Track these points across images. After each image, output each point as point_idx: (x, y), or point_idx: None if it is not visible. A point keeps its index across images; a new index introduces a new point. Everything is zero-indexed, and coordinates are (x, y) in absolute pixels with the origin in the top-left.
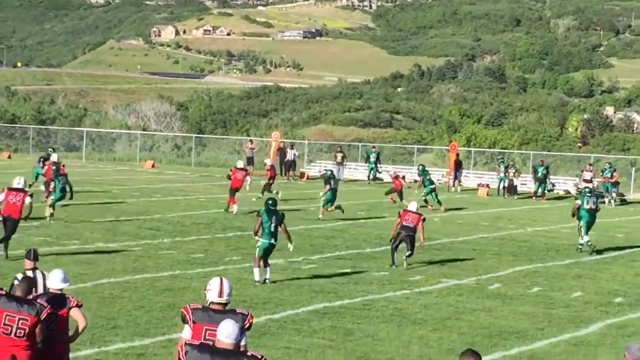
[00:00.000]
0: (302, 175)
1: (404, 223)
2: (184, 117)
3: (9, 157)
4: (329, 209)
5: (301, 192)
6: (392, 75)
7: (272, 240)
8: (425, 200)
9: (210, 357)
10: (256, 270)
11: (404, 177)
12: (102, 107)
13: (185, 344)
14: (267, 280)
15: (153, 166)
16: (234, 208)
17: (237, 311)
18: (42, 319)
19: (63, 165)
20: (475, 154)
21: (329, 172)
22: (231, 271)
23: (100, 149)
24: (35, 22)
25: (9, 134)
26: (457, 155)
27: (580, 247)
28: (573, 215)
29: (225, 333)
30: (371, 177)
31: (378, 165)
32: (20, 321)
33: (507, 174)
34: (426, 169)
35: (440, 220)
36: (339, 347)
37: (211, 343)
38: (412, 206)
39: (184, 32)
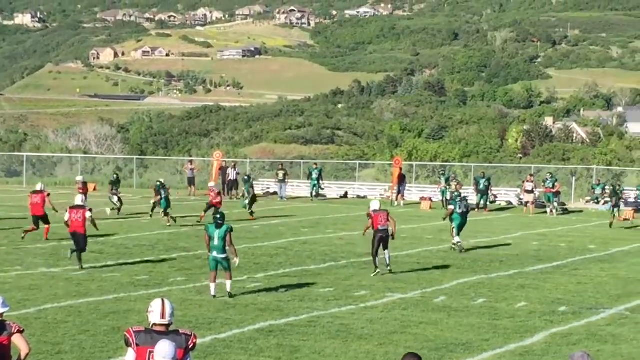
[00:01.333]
0: (244, 194)
1: (380, 227)
2: (125, 139)
3: None
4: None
5: (243, 211)
6: (332, 92)
7: (221, 254)
8: None
9: None
10: (211, 285)
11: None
12: (42, 132)
13: None
14: (230, 294)
15: (95, 189)
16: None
17: (181, 332)
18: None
19: None
20: (417, 168)
21: (158, 183)
22: (175, 292)
23: (41, 174)
24: None
25: None
26: (401, 169)
27: (453, 246)
28: (445, 219)
29: (162, 353)
30: (314, 193)
31: (320, 181)
32: None
33: (448, 187)
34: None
35: None
36: None
37: None
38: (377, 204)
39: (123, 54)
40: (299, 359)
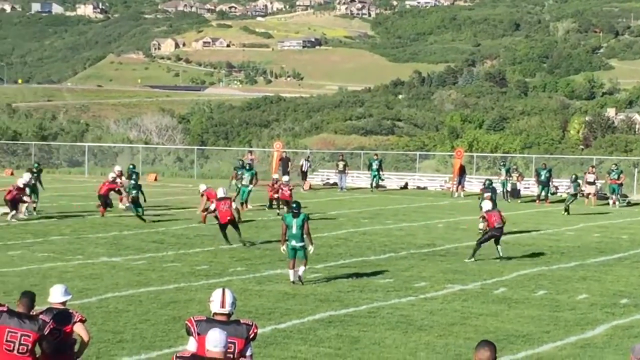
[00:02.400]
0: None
1: (496, 224)
2: (185, 129)
3: (12, 173)
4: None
5: (305, 201)
6: (392, 83)
7: (299, 243)
8: None
9: None
10: (290, 272)
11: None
12: (104, 122)
13: (176, 356)
14: (300, 279)
15: (156, 179)
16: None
17: (242, 322)
18: (44, 334)
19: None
20: (477, 159)
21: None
22: (236, 282)
23: (103, 164)
24: (35, 38)
25: (11, 151)
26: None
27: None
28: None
29: (213, 342)
30: (374, 184)
31: (380, 172)
32: (23, 337)
33: (509, 178)
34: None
35: (444, 226)
36: (346, 356)
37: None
38: (488, 205)
39: (184, 44)
40: (359, 350)
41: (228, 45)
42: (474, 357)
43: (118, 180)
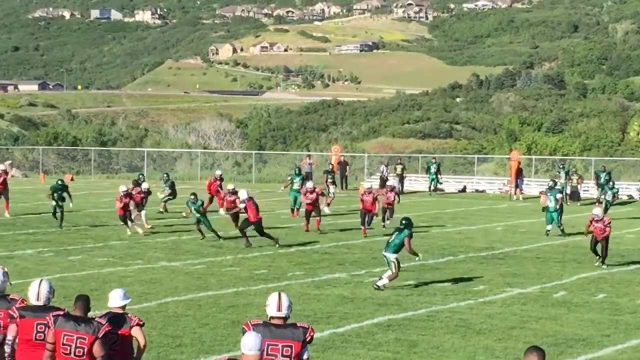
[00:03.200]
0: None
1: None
2: (243, 134)
3: (72, 179)
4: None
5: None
6: (450, 86)
7: (392, 255)
8: None
9: None
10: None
11: None
12: (162, 127)
13: None
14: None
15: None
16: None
17: (298, 325)
18: (99, 336)
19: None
20: (536, 162)
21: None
22: (294, 286)
23: (162, 169)
24: (94, 44)
25: (71, 157)
26: (519, 163)
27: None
28: (543, 209)
29: (248, 346)
30: (432, 188)
31: (439, 176)
32: (79, 340)
33: (569, 181)
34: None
35: (503, 229)
36: (404, 359)
37: (273, 358)
38: (599, 211)
39: (242, 49)
40: (417, 354)
41: (285, 50)
42: None
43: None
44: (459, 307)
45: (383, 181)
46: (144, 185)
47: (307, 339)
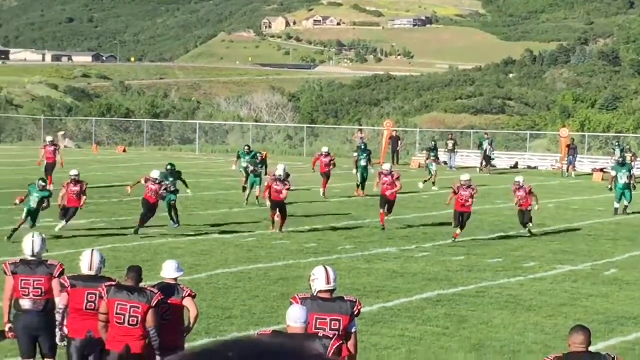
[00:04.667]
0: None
1: None
2: (295, 107)
3: (124, 150)
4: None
5: (412, 180)
6: (503, 62)
7: None
8: None
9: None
10: None
11: None
12: (215, 100)
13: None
14: None
15: (266, 157)
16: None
17: (346, 298)
18: (153, 305)
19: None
20: (589, 139)
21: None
22: (344, 260)
23: (214, 141)
24: (147, 17)
25: (123, 128)
26: (573, 140)
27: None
28: (610, 189)
29: (294, 318)
30: (484, 164)
31: (491, 151)
32: (132, 309)
33: (623, 158)
34: None
35: (554, 207)
36: (454, 335)
37: (319, 332)
38: None
39: (294, 23)
40: (467, 329)
41: (338, 24)
42: (568, 341)
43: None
44: (509, 284)
45: (487, 158)
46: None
47: (355, 313)
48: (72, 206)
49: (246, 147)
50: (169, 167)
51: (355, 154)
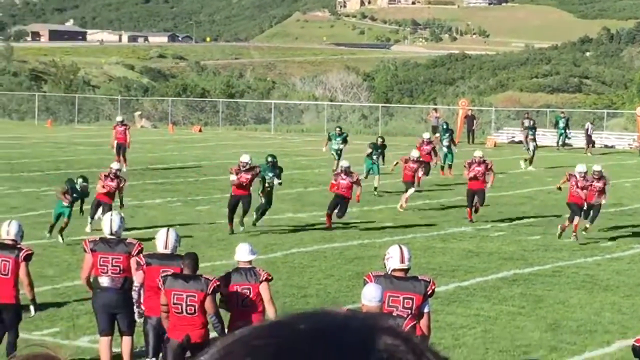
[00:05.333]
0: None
1: None
2: (370, 87)
3: (200, 130)
4: None
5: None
6: (580, 40)
7: None
8: None
9: None
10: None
11: None
12: (290, 80)
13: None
14: None
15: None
16: None
17: (419, 278)
18: (209, 292)
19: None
20: None
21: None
22: (419, 239)
23: (289, 121)
24: None
25: (199, 108)
26: None
27: None
28: None
29: (369, 297)
30: (560, 142)
31: (567, 131)
32: (189, 298)
33: None
34: None
35: (631, 186)
36: (529, 314)
37: (393, 309)
38: None
39: (369, 2)
40: (543, 309)
41: (413, 3)
42: None
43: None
44: (585, 263)
45: (589, 138)
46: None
47: (429, 292)
48: (104, 202)
49: (337, 129)
50: (269, 159)
51: (437, 135)
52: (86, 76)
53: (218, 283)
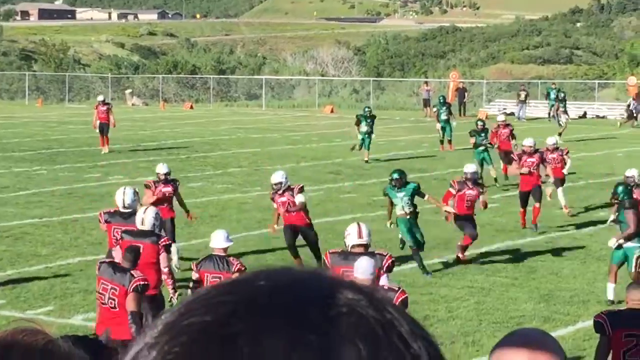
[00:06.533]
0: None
1: None
2: (361, 61)
3: (191, 107)
4: None
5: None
6: (570, 11)
7: None
8: None
9: None
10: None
11: None
12: (280, 55)
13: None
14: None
15: (332, 111)
16: None
17: (376, 252)
18: (131, 290)
19: None
20: None
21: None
22: None
23: (280, 96)
24: None
25: (190, 85)
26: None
27: None
28: None
29: (361, 270)
30: (552, 114)
31: (560, 103)
32: (111, 291)
33: None
34: None
35: (624, 156)
36: (523, 285)
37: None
38: None
39: None
40: (536, 280)
41: None
42: (626, 298)
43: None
44: (578, 234)
45: (630, 113)
46: None
47: (385, 266)
48: (166, 218)
49: (367, 109)
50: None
51: (435, 108)
52: (76, 55)
53: (142, 283)
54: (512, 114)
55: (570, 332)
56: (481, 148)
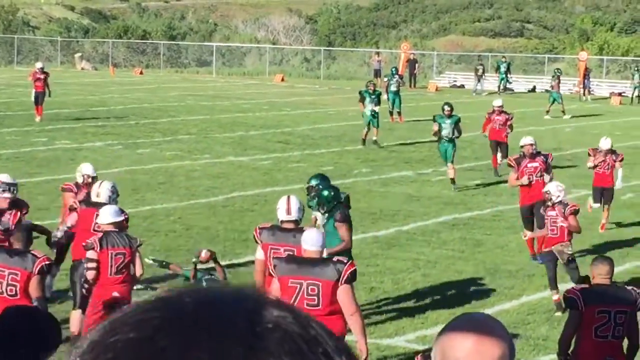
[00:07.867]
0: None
1: None
2: (313, 30)
3: (141, 73)
4: None
5: (429, 104)
6: None
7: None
8: None
9: (298, 266)
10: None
11: None
12: (232, 22)
13: (274, 258)
14: None
15: (282, 80)
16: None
17: (304, 229)
18: (35, 272)
19: None
20: (607, 63)
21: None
22: (360, 183)
23: (231, 64)
24: None
25: (140, 50)
26: (586, 63)
27: None
28: None
29: (310, 242)
30: (502, 87)
31: (508, 75)
32: (11, 276)
33: None
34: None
35: (572, 130)
36: (469, 259)
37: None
38: None
39: None
40: (482, 253)
41: None
42: (591, 272)
43: None
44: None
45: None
46: None
47: (344, 277)
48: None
49: (371, 85)
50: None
51: (386, 79)
52: (25, 17)
53: (47, 262)
54: (463, 86)
55: (514, 306)
56: (445, 139)
